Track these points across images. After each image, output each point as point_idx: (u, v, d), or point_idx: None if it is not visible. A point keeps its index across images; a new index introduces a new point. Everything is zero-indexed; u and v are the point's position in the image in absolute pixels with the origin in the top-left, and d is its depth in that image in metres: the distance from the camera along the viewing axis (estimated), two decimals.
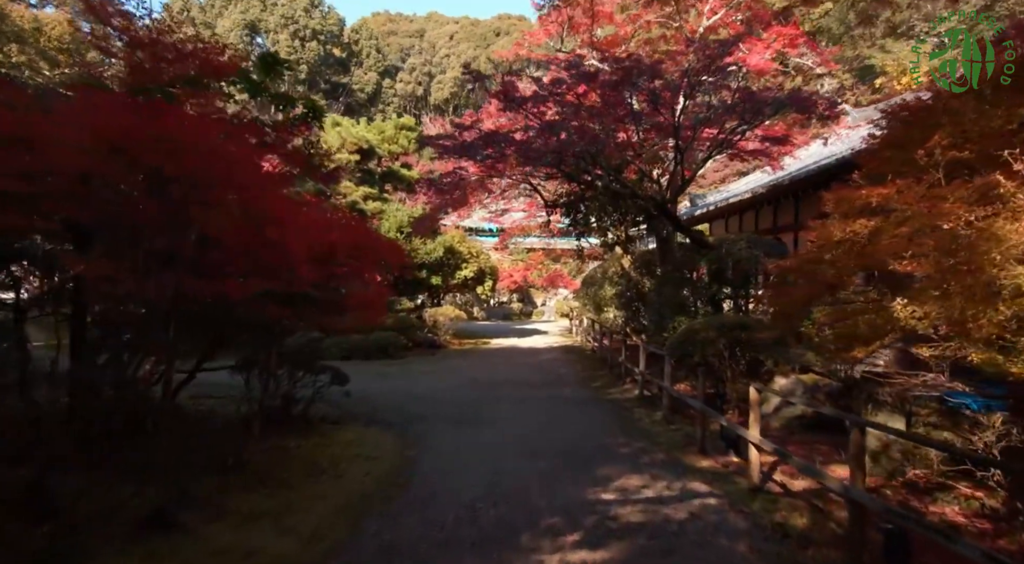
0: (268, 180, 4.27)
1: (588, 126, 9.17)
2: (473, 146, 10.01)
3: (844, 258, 4.78)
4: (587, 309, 18.24)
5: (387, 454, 6.52)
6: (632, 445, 7.01)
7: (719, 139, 9.61)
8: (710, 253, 10.13)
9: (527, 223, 19.75)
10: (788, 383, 7.90)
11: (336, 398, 8.41)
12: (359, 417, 8.43)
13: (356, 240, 4.81)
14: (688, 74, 8.47)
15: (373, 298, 6.05)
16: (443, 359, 15.72)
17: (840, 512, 4.71)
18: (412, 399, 9.80)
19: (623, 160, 10.64)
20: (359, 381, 11.07)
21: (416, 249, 18.30)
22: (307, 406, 7.88)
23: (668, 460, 6.36)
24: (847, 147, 11.63)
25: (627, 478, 5.70)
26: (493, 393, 10.41)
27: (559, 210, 14.63)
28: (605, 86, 8.53)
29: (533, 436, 7.37)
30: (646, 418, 8.48)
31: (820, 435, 7.26)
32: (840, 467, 5.96)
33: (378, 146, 19.30)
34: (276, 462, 5.92)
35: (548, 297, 35.32)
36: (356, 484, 5.44)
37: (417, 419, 8.33)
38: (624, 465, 6.15)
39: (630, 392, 10.44)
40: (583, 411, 9.01)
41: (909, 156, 4.71)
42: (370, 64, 58.92)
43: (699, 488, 5.38)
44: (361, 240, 5.01)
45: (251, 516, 4.54)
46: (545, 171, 11.30)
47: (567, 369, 13.62)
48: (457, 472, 5.83)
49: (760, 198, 13.19)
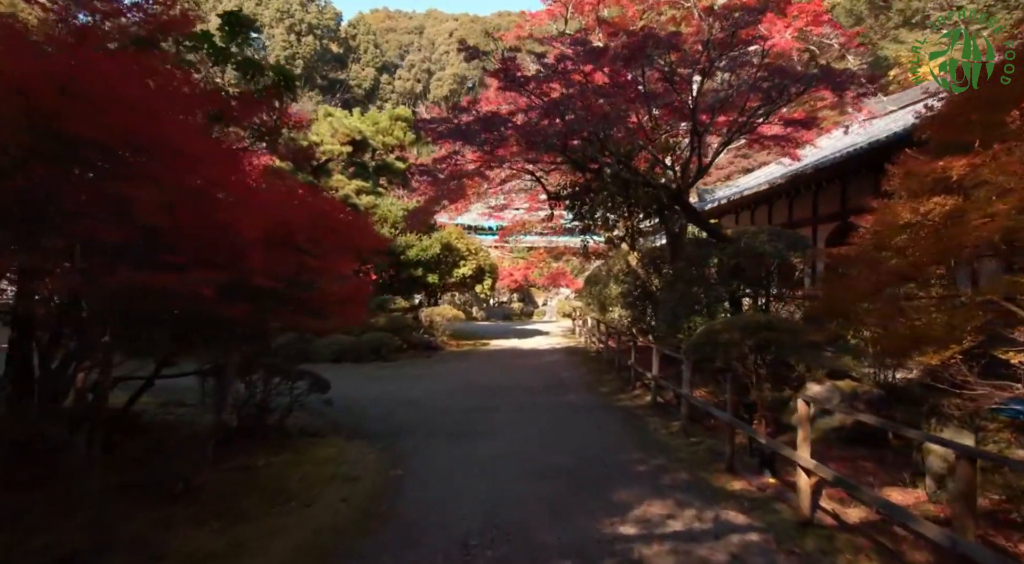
0: (214, 148, 3.42)
1: (596, 105, 8.32)
2: (470, 131, 9.16)
3: (917, 244, 3.93)
4: (591, 308, 17.38)
5: (369, 474, 5.66)
6: (649, 462, 6.16)
7: (739, 122, 8.75)
8: (728, 247, 9.27)
9: (528, 218, 18.87)
10: (823, 390, 7.05)
11: (318, 406, 7.58)
12: (342, 428, 7.57)
13: (314, 217, 3.93)
14: (708, 46, 7.62)
15: (353, 294, 5.18)
16: (439, 361, 14.85)
17: (917, 554, 3.86)
18: (403, 406, 8.94)
19: (634, 146, 9.80)
20: (347, 386, 10.23)
21: (412, 245, 17.45)
22: (283, 416, 7.05)
23: (693, 481, 5.51)
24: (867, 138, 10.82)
25: (648, 504, 4.85)
26: (492, 400, 9.55)
27: (562, 203, 13.79)
28: (617, 59, 7.66)
29: (536, 451, 6.52)
30: (662, 428, 7.62)
31: (861, 449, 6.43)
32: (897, 491, 5.12)
33: (372, 138, 18.44)
34: (237, 486, 5.06)
35: (549, 297, 34.44)
36: (328, 514, 4.58)
37: (406, 430, 7.48)
38: (643, 487, 5.31)
39: (641, 398, 9.58)
40: (591, 420, 8.15)
41: (997, 118, 3.86)
42: (367, 59, 58.05)
43: (736, 519, 4.53)
44: (320, 217, 4.11)
45: (191, 560, 3.68)
46: (548, 159, 10.45)
47: (571, 372, 12.76)
48: (449, 498, 4.98)
49: (778, 190, 12.34)
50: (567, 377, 12.12)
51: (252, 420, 6.91)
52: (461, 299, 29.58)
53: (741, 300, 9.69)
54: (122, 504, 4.49)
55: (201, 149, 3.41)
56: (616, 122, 8.31)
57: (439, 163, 10.05)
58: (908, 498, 4.95)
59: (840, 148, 11.22)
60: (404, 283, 18.31)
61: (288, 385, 7.07)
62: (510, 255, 30.03)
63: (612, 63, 8.22)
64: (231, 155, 3.63)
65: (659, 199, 9.90)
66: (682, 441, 7.01)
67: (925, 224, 4.06)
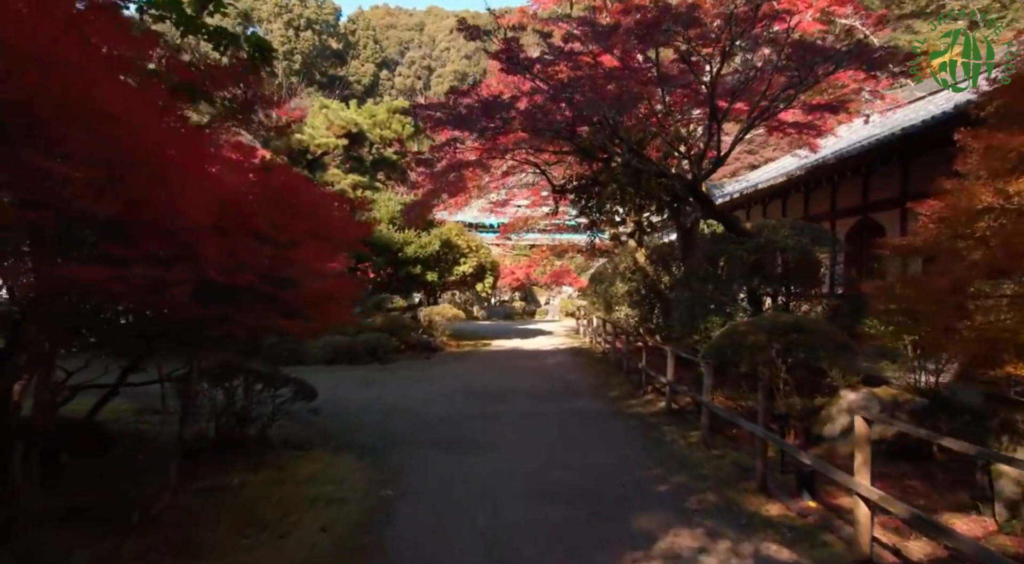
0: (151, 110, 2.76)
1: (607, 89, 7.66)
2: (471, 118, 8.50)
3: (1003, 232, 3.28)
4: (596, 307, 16.72)
5: (356, 495, 5.01)
6: (670, 479, 5.51)
7: (761, 107, 8.08)
8: (748, 242, 8.61)
9: (531, 214, 18.18)
10: (859, 399, 6.39)
11: (306, 414, 6.95)
12: (330, 438, 6.94)
13: (273, 198, 3.24)
14: (732, 21, 6.95)
15: (336, 292, 4.52)
16: (438, 363, 14.20)
17: None
18: (397, 414, 8.29)
19: (646, 133, 9.15)
20: (339, 390, 9.60)
21: (410, 242, 16.79)
22: (265, 426, 6.42)
23: (722, 503, 4.86)
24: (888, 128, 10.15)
25: (675, 535, 4.21)
26: (493, 406, 8.90)
27: (567, 198, 13.13)
28: (630, 36, 7.00)
29: (543, 466, 5.88)
30: (680, 439, 6.98)
31: (903, 464, 5.79)
32: (959, 518, 4.48)
33: (369, 131, 17.77)
34: (204, 512, 4.42)
35: (552, 295, 33.73)
36: (303, 548, 3.93)
37: (400, 441, 6.84)
38: (667, 511, 4.66)
39: (654, 404, 8.93)
40: (602, 430, 7.51)
41: None
42: (367, 55, 57.38)
43: (779, 555, 3.88)
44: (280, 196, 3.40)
45: None
46: (554, 148, 9.80)
47: (577, 375, 12.10)
48: (444, 527, 4.34)
49: (795, 182, 11.69)
50: (573, 380, 11.47)
51: (231, 430, 6.30)
52: (461, 298, 28.92)
53: (762, 298, 9.03)
54: (63, 534, 3.86)
55: (138, 113, 2.76)
56: (628, 105, 7.65)
57: (437, 151, 9.38)
58: (974, 527, 4.30)
59: (861, 139, 10.56)
60: (402, 281, 17.66)
61: (271, 392, 6.44)
62: (512, 253, 29.34)
63: (624, 42, 7.56)
64: (155, 112, 2.94)
65: (673, 190, 9.25)
66: (703, 454, 6.36)
67: (1008, 209, 3.41)
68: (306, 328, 4.51)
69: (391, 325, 15.00)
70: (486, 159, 9.93)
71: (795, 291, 9.06)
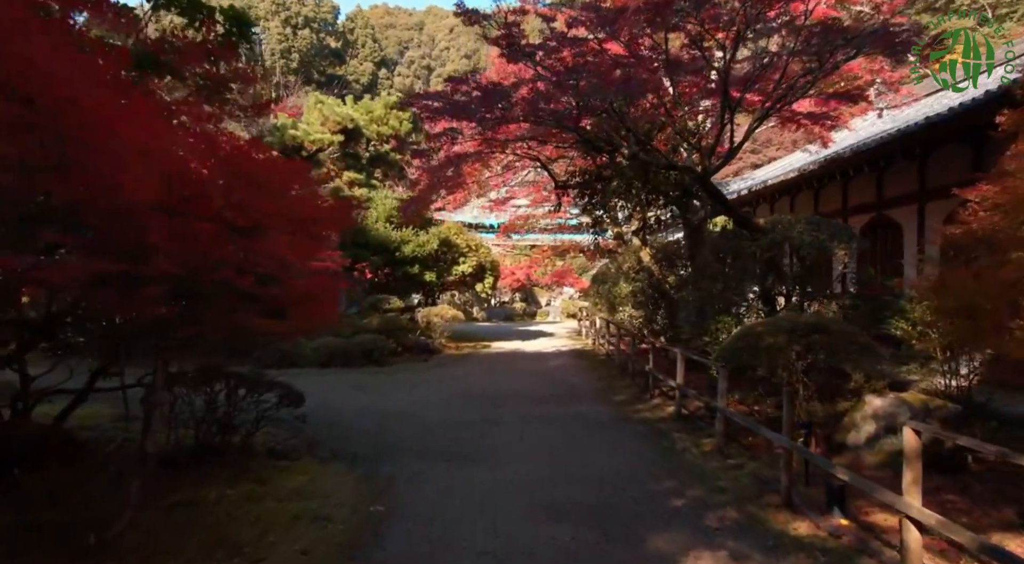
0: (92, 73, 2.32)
1: (613, 76, 7.24)
2: (469, 106, 8.08)
3: None
4: (599, 308, 16.27)
5: (343, 511, 4.57)
6: (686, 493, 5.08)
7: (776, 95, 7.66)
8: (762, 238, 8.18)
9: (532, 212, 17.73)
10: (886, 404, 5.97)
11: (294, 422, 6.50)
12: (320, 446, 6.50)
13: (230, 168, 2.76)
14: (747, 2, 6.54)
15: (316, 290, 4.07)
16: (436, 366, 13.76)
17: None
18: (392, 420, 7.85)
19: (654, 124, 8.74)
20: (331, 394, 9.16)
21: (408, 241, 16.36)
22: (248, 435, 5.98)
23: (745, 521, 4.43)
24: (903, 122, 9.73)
25: (696, 558, 3.78)
26: (493, 411, 8.46)
27: (570, 195, 12.70)
28: (639, 17, 6.58)
29: (548, 478, 5.44)
30: (692, 447, 6.54)
31: (936, 476, 5.33)
32: (1010, 539, 4.04)
33: (365, 127, 17.34)
34: (172, 531, 3.98)
35: (553, 296, 33.27)
36: None
37: (394, 450, 6.40)
38: (684, 531, 4.23)
39: (662, 409, 8.49)
40: (608, 437, 7.07)
41: None
42: (366, 54, 57.00)
43: None
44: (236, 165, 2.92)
45: None
46: (556, 141, 9.37)
47: (580, 378, 11.66)
48: (440, 550, 3.90)
49: (808, 177, 11.26)
50: (576, 383, 11.03)
51: (212, 439, 5.86)
52: (461, 299, 28.46)
53: (776, 298, 8.60)
54: (10, 560, 3.43)
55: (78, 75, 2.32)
56: (636, 92, 7.23)
57: (433, 141, 8.93)
58: None
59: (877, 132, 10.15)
60: (400, 282, 17.22)
61: (255, 398, 6.00)
62: (512, 253, 28.88)
63: (631, 26, 7.13)
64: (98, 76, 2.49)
65: (682, 184, 8.83)
66: (719, 464, 5.93)
67: None
68: (288, 329, 4.07)
69: (388, 326, 14.56)
70: (486, 152, 9.50)
71: (809, 290, 8.63)
